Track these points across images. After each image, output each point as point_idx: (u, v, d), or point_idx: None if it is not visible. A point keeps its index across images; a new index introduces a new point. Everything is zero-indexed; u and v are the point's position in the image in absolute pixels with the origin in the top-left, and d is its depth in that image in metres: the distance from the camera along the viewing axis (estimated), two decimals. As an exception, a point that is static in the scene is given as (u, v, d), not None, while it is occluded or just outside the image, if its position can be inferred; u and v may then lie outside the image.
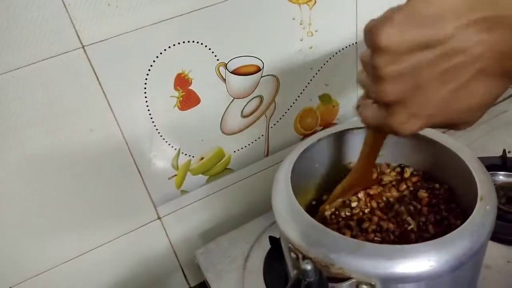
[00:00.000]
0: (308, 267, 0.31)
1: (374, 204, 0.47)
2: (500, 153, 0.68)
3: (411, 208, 0.46)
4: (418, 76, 0.27)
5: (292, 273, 0.38)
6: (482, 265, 0.44)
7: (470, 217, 0.38)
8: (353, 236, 0.44)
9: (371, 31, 0.27)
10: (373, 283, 0.34)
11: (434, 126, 0.29)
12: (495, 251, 0.56)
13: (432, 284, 0.36)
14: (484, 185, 0.41)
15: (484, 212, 0.39)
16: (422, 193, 0.48)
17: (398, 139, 0.50)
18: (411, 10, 0.26)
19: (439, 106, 0.28)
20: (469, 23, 0.25)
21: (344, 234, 0.44)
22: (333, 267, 0.34)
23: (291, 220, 0.38)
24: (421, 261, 0.34)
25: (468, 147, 0.46)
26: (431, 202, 0.47)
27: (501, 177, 0.67)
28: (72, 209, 0.57)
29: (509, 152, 0.69)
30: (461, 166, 0.44)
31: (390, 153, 0.53)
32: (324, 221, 0.47)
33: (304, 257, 0.35)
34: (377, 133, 0.41)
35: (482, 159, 0.67)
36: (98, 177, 0.57)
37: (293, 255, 0.36)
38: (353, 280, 0.34)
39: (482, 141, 0.75)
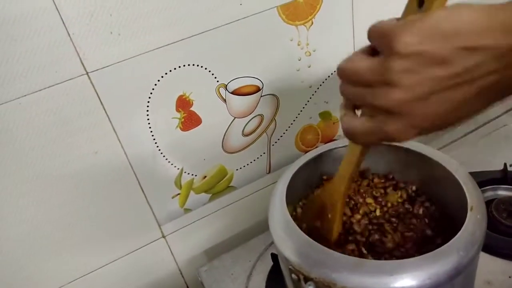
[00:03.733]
0: (311, 288, 0.32)
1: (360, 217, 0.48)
2: (501, 167, 0.69)
3: (394, 224, 0.47)
4: (426, 90, 0.27)
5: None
6: (482, 279, 0.45)
7: (463, 226, 0.39)
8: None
9: (389, 34, 0.27)
10: None
11: (423, 134, 0.30)
12: (496, 267, 0.56)
13: None
14: (473, 195, 0.42)
15: (475, 220, 0.39)
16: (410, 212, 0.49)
17: (388, 154, 0.51)
18: (432, 22, 0.26)
19: (438, 119, 0.28)
20: (483, 48, 0.26)
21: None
22: (335, 287, 0.35)
23: (289, 241, 0.39)
24: (421, 274, 0.35)
25: (468, 161, 0.47)
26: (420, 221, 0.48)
27: (502, 191, 0.67)
28: (77, 230, 0.58)
29: (510, 166, 0.69)
30: (450, 178, 0.45)
31: (380, 166, 0.53)
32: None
33: (306, 278, 0.35)
34: (360, 146, 0.38)
35: (483, 173, 0.68)
36: (103, 197, 0.58)
37: (294, 276, 0.36)
38: None
39: (483, 155, 0.76)
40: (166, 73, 0.54)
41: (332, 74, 0.68)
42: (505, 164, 0.69)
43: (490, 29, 0.25)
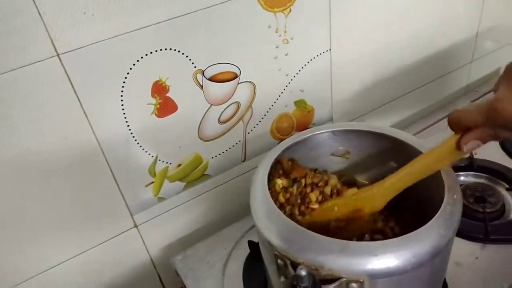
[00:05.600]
0: (303, 272, 0.32)
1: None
2: (467, 155, 0.72)
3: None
4: None
5: (278, 280, 0.38)
6: (452, 261, 0.47)
7: (442, 206, 0.40)
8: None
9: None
10: (361, 280, 0.36)
11: None
12: (465, 249, 0.59)
13: (415, 273, 0.37)
14: (449, 177, 0.43)
15: (452, 200, 0.41)
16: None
17: (365, 140, 0.52)
18: None
19: None
20: None
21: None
22: (322, 270, 0.35)
23: (273, 227, 0.39)
24: (405, 253, 0.36)
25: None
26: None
27: (469, 177, 0.70)
28: (45, 220, 0.56)
29: (475, 153, 0.72)
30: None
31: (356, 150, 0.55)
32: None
33: (293, 263, 0.35)
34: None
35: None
36: (72, 186, 0.56)
37: (280, 262, 0.36)
38: (343, 280, 0.35)
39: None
40: (141, 57, 0.52)
41: (308, 62, 0.68)
42: (471, 152, 0.72)
43: None
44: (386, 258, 0.35)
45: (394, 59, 0.80)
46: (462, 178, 0.71)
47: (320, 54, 0.68)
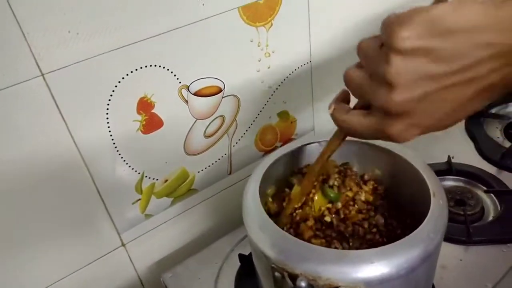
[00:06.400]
0: (303, 284, 0.32)
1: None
2: (445, 159, 0.74)
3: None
4: (427, 89, 0.26)
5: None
6: (438, 264, 0.48)
7: (430, 211, 0.42)
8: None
9: (390, 27, 0.25)
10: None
11: (425, 133, 0.29)
12: (449, 252, 0.60)
13: (407, 278, 0.38)
14: (433, 182, 0.45)
15: (439, 205, 0.42)
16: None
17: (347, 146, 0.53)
18: (435, 16, 0.25)
19: (439, 119, 0.28)
20: (484, 46, 0.25)
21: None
22: (320, 280, 0.36)
23: (269, 240, 0.39)
24: (398, 259, 0.37)
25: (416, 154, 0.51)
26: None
27: (448, 181, 0.73)
28: (30, 242, 0.54)
29: (453, 157, 0.75)
30: (409, 168, 0.48)
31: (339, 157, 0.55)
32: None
33: (290, 275, 0.36)
34: (342, 138, 0.39)
35: (429, 166, 0.73)
36: (58, 207, 0.55)
37: (277, 274, 0.37)
38: None
39: (428, 148, 0.81)
40: (127, 74, 0.52)
41: (290, 74, 0.69)
42: (448, 157, 0.74)
43: (495, 25, 0.24)
44: (381, 265, 0.36)
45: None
46: (442, 182, 0.73)
47: (301, 66, 0.70)
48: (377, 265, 0.36)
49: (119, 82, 0.52)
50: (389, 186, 0.54)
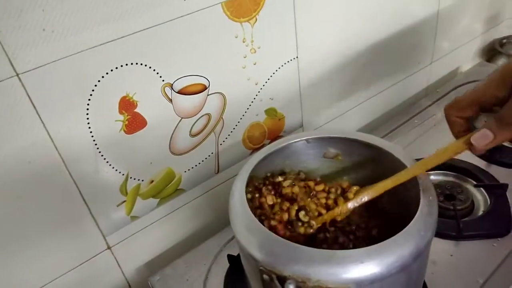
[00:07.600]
0: (292, 287, 0.31)
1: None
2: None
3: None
4: None
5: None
6: (429, 260, 0.48)
7: (419, 208, 0.41)
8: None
9: None
10: None
11: None
12: (439, 247, 0.60)
13: (399, 276, 0.38)
14: (423, 179, 0.44)
15: (429, 201, 0.42)
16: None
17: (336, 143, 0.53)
18: None
19: None
20: None
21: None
22: (309, 282, 0.35)
23: (256, 242, 0.38)
24: (389, 258, 0.36)
25: (405, 149, 0.50)
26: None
27: (438, 176, 0.72)
28: (11, 247, 0.53)
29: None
30: (397, 164, 0.47)
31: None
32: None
33: (279, 277, 0.35)
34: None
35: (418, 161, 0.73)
36: (40, 211, 0.53)
37: (265, 277, 0.36)
38: None
39: (417, 143, 0.81)
40: (107, 73, 0.50)
41: (276, 70, 0.68)
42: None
43: None
44: (372, 265, 0.35)
45: (358, 65, 0.81)
46: (432, 177, 0.73)
47: (288, 61, 0.69)
48: (367, 264, 0.35)
49: (99, 81, 0.50)
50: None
